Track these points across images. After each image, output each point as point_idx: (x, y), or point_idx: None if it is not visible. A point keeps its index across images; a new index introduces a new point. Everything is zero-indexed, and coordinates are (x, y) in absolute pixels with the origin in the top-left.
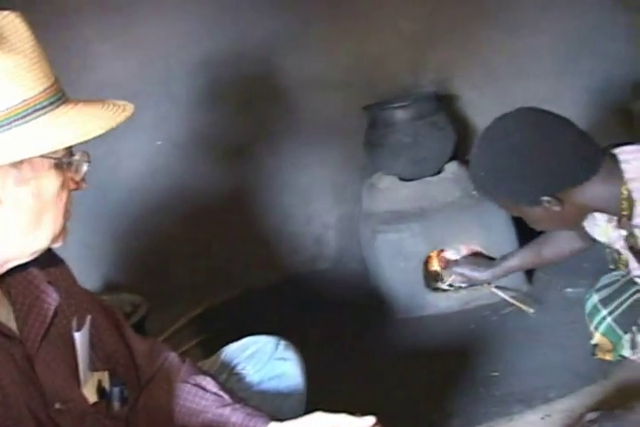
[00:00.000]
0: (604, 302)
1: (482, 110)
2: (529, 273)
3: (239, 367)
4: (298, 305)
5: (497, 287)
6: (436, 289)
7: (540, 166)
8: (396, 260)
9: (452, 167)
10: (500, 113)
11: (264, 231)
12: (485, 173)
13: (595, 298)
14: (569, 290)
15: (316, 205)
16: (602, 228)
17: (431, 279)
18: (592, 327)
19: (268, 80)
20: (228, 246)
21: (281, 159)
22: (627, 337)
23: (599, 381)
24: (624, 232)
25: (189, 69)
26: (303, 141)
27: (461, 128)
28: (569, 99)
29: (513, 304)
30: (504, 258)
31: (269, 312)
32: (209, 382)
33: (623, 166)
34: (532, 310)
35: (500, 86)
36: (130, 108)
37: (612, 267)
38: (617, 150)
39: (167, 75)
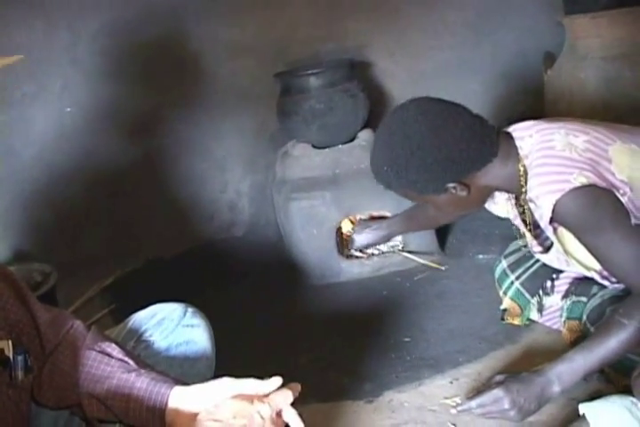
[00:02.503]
0: (512, 267)
1: (396, 78)
2: (441, 240)
3: (147, 334)
4: (212, 272)
5: (408, 252)
6: (349, 256)
7: (442, 155)
8: (310, 227)
9: (365, 135)
10: (413, 81)
11: (178, 199)
12: (387, 167)
13: (503, 264)
14: (480, 256)
15: (231, 172)
16: (501, 205)
17: (344, 246)
18: (501, 292)
19: (178, 47)
20: (140, 214)
21: (194, 127)
22: (534, 300)
23: (507, 345)
24: (518, 213)
25: (96, 36)
26: (216, 109)
27: (375, 96)
28: (482, 69)
29: (424, 265)
30: (387, 223)
31: (183, 280)
32: (114, 349)
33: (518, 144)
34: (442, 267)
35: (414, 55)
36: (13, 58)
37: (517, 240)
38: (511, 128)
39: (72, 41)
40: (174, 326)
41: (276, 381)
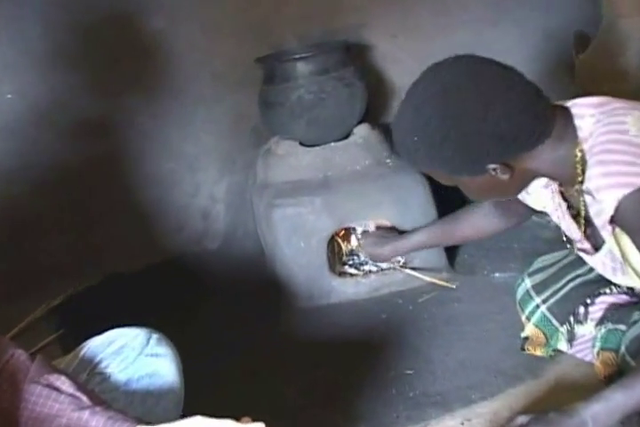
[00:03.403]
0: (538, 288)
1: (399, 64)
2: (450, 255)
3: (103, 365)
4: (181, 292)
5: (412, 269)
6: (343, 273)
7: (488, 130)
8: (296, 239)
9: (362, 131)
10: (421, 68)
11: (140, 205)
12: (417, 139)
13: (527, 283)
14: (497, 275)
15: (203, 173)
16: (537, 195)
17: (337, 262)
18: (524, 317)
19: (143, 25)
20: (96, 221)
21: (160, 120)
22: (563, 329)
23: (528, 380)
24: (563, 203)
25: (44, 14)
26: (187, 99)
27: (375, 85)
28: (501, 52)
29: (432, 283)
30: (411, 232)
31: (146, 300)
32: (64, 382)
33: (577, 123)
34: (453, 286)
35: (420, 37)
36: None
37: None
38: (570, 103)
39: (16, 13)
40: (136, 356)
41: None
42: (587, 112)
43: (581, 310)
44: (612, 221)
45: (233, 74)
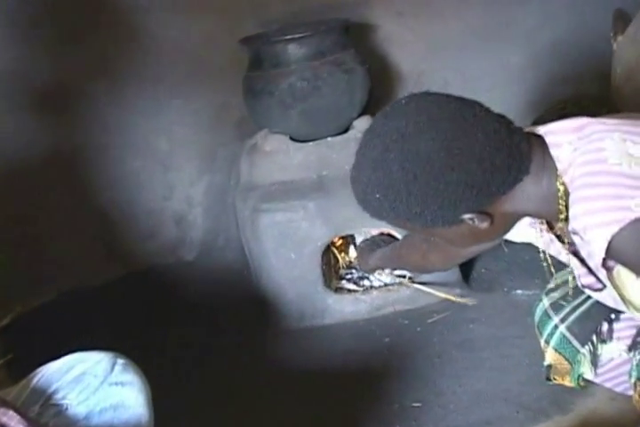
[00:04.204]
0: (556, 306)
1: (406, 47)
2: (465, 268)
3: (59, 396)
4: (149, 310)
5: (421, 284)
6: (340, 289)
7: (455, 179)
8: (286, 249)
9: (363, 124)
10: (430, 51)
11: (104, 209)
12: (379, 195)
13: (544, 302)
14: (518, 292)
15: (178, 172)
16: (516, 231)
17: (333, 276)
18: (542, 341)
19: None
20: (50, 229)
21: (128, 109)
22: (585, 350)
23: (554, 415)
24: (555, 239)
25: None
26: (160, 86)
27: (378, 71)
28: (526, 35)
29: (445, 300)
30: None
31: (108, 320)
32: (12, 418)
33: (554, 153)
34: (470, 302)
35: (431, 15)
36: None
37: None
38: (543, 130)
39: None
40: (98, 385)
41: None
42: (563, 139)
43: (604, 327)
44: (605, 263)
45: (213, 57)
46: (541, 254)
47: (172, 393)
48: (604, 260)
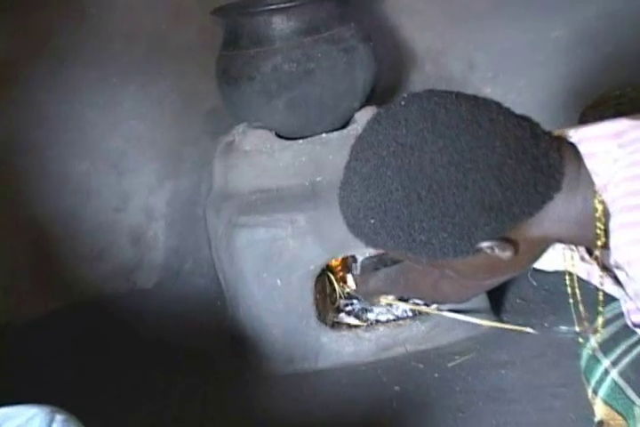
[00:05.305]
0: (606, 346)
1: (422, 21)
2: (495, 296)
3: None
4: (95, 350)
5: (449, 311)
6: (337, 324)
7: (470, 201)
8: (270, 274)
9: (366, 116)
10: (451, 26)
11: (38, 222)
12: (375, 221)
13: (592, 342)
14: (562, 328)
15: (135, 176)
16: (556, 258)
17: (329, 307)
18: (590, 390)
19: None
20: None
21: (71, 98)
22: None
23: None
24: (596, 268)
25: None
26: (110, 70)
27: (385, 49)
28: (571, 5)
29: (498, 327)
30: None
31: (47, 363)
32: None
33: (590, 165)
34: (531, 330)
35: None
36: None
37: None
38: (576, 137)
39: None
40: None
41: None
42: (600, 148)
43: None
44: None
45: (179, 31)
46: (569, 289)
47: None
48: None
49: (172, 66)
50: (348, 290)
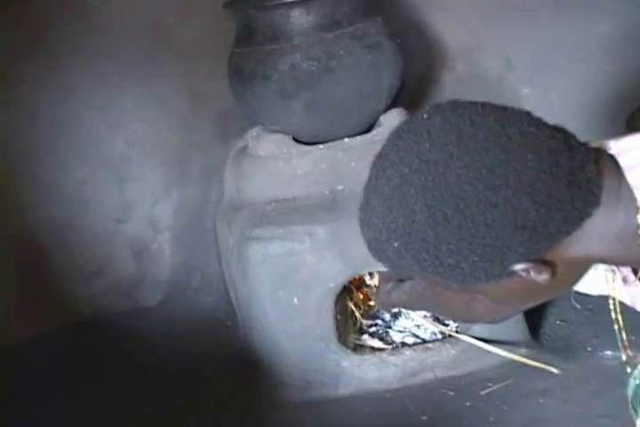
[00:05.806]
0: None
1: (453, 15)
2: (533, 319)
3: None
4: (91, 375)
5: (472, 337)
6: (360, 347)
7: (501, 220)
8: (286, 292)
9: (392, 120)
10: (486, 20)
11: (32, 234)
12: (398, 244)
13: None
14: (608, 353)
15: (138, 184)
16: (598, 280)
17: (350, 329)
18: (638, 422)
19: None
20: None
21: (69, 99)
22: None
23: None
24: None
25: None
26: (111, 67)
27: (413, 46)
28: None
29: (518, 361)
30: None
31: (34, 389)
32: None
33: (631, 178)
34: (555, 370)
35: None
36: None
37: None
38: (614, 148)
39: None
40: None
41: None
42: None
43: None
44: None
45: (186, 27)
46: (612, 314)
47: None
48: None
49: (179, 63)
50: (371, 302)
